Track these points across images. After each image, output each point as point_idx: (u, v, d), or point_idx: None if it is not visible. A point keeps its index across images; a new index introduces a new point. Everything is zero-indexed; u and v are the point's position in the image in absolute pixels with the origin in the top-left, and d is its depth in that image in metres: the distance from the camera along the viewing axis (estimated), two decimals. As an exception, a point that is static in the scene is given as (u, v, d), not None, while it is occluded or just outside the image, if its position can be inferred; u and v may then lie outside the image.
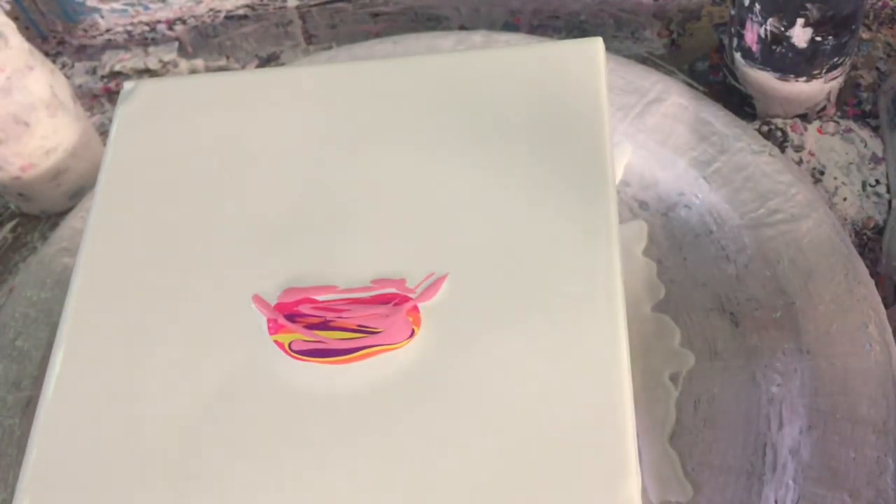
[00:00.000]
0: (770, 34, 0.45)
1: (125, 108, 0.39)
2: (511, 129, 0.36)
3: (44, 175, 0.49)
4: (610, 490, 0.28)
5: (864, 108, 0.49)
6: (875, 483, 0.35)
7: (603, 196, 0.34)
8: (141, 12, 0.57)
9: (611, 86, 0.46)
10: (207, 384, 0.32)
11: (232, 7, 0.57)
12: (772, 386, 0.39)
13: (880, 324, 0.38)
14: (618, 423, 0.29)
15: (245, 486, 0.30)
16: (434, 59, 0.40)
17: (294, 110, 0.38)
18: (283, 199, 0.36)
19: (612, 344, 0.31)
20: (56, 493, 0.31)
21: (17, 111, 0.46)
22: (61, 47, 0.59)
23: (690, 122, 0.45)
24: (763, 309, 0.40)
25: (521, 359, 0.31)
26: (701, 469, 0.38)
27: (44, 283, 0.45)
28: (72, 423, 0.32)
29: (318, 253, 0.34)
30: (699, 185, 0.44)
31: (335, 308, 0.33)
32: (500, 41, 0.50)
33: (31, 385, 0.43)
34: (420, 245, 0.34)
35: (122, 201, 0.37)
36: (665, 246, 0.44)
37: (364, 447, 0.30)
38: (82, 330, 0.34)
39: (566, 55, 0.38)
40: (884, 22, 0.52)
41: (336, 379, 0.32)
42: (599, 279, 0.32)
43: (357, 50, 0.51)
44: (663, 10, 0.54)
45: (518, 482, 0.29)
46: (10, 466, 0.41)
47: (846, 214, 0.45)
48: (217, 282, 0.34)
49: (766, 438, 0.38)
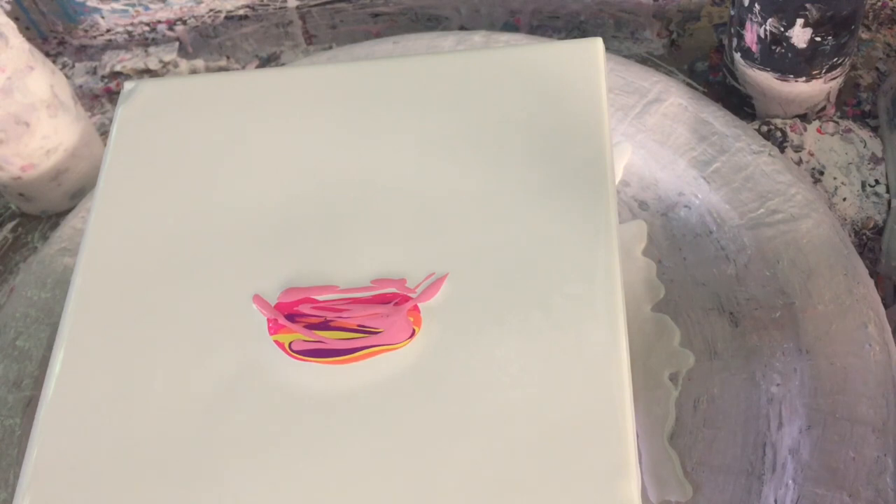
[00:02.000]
0: (770, 34, 0.45)
1: (125, 108, 0.39)
2: (511, 129, 0.36)
3: (44, 175, 0.49)
4: (610, 490, 0.28)
5: (864, 108, 0.49)
6: (875, 483, 0.35)
7: (603, 196, 0.34)
8: (141, 12, 0.57)
9: (611, 86, 0.46)
10: (207, 384, 0.32)
11: (232, 7, 0.57)
12: (771, 386, 0.39)
13: (880, 324, 0.38)
14: (617, 422, 0.29)
15: (245, 485, 0.30)
16: (434, 59, 0.40)
17: (294, 110, 0.38)
18: (283, 199, 0.36)
19: (612, 344, 0.31)
20: (56, 492, 0.31)
21: (18, 111, 0.46)
22: (62, 47, 0.59)
23: (690, 123, 0.45)
24: (763, 309, 0.40)
25: (522, 359, 0.31)
26: (700, 469, 0.38)
27: (44, 283, 0.45)
28: (72, 423, 0.32)
29: (318, 253, 0.34)
30: (699, 185, 0.44)
31: (335, 308, 0.33)
32: (500, 41, 0.50)
33: (31, 385, 0.43)
34: (420, 245, 0.34)
35: (122, 201, 0.37)
36: (665, 246, 0.44)
37: (364, 447, 0.30)
38: (82, 330, 0.34)
39: (566, 55, 0.38)
40: (883, 22, 0.52)
41: (336, 379, 0.32)
42: (599, 279, 0.32)
43: (357, 50, 0.51)
44: (663, 11, 0.54)
45: (518, 482, 0.29)
46: (11, 466, 0.41)
47: (846, 214, 0.45)
48: (217, 282, 0.34)
49: (765, 438, 0.38)
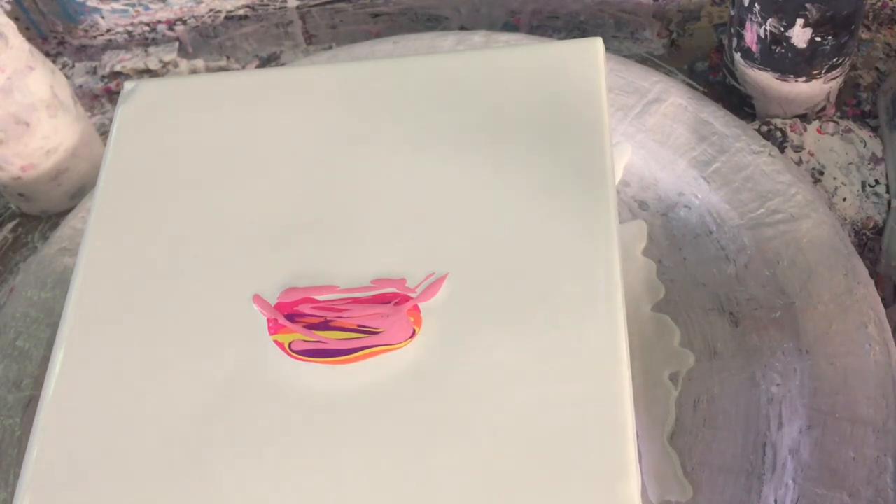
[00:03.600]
0: (770, 34, 0.45)
1: (125, 108, 0.39)
2: (511, 129, 0.36)
3: (44, 175, 0.49)
4: (610, 490, 0.28)
5: (864, 108, 0.49)
6: (874, 483, 0.35)
7: (603, 196, 0.34)
8: (141, 12, 0.57)
9: (611, 86, 0.46)
10: (207, 384, 0.32)
11: (232, 7, 0.57)
12: (771, 386, 0.39)
13: (880, 324, 0.38)
14: (617, 422, 0.29)
15: (245, 486, 0.30)
16: (434, 59, 0.40)
17: (294, 110, 0.38)
18: (283, 199, 0.36)
19: (611, 344, 0.31)
20: (56, 492, 0.31)
21: (18, 111, 0.46)
22: (62, 47, 0.59)
23: (690, 123, 0.45)
24: (763, 309, 0.40)
25: (522, 359, 0.31)
26: (700, 469, 0.38)
27: (44, 283, 0.45)
28: (72, 423, 0.32)
29: (318, 253, 0.34)
30: (699, 185, 0.44)
31: (335, 308, 0.33)
32: (500, 41, 0.50)
33: (31, 385, 0.43)
34: (420, 245, 0.34)
35: (123, 201, 0.37)
36: (665, 246, 0.44)
37: (364, 447, 0.30)
38: (82, 330, 0.34)
39: (566, 55, 0.38)
40: (883, 22, 0.52)
41: (336, 379, 0.32)
42: (599, 279, 0.32)
43: (357, 50, 0.51)
44: (663, 11, 0.54)
45: (518, 482, 0.29)
46: (11, 466, 0.41)
47: (846, 214, 0.45)
48: (217, 282, 0.34)
49: (765, 438, 0.38)
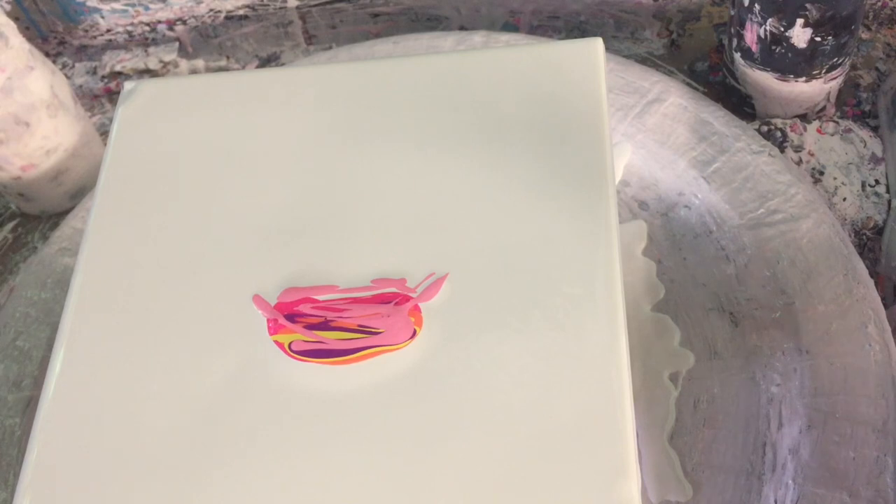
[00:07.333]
0: (770, 34, 0.45)
1: (125, 108, 0.39)
2: (511, 129, 0.36)
3: (44, 175, 0.49)
4: (610, 490, 0.28)
5: (864, 108, 0.49)
6: (874, 483, 0.35)
7: (603, 196, 0.34)
8: (141, 12, 0.57)
9: (611, 86, 0.46)
10: (207, 384, 0.32)
11: (232, 7, 0.57)
12: (771, 386, 0.39)
13: (880, 324, 0.38)
14: (617, 423, 0.29)
15: (245, 486, 0.30)
16: (434, 59, 0.40)
17: (294, 110, 0.38)
18: (283, 199, 0.36)
19: (611, 344, 0.31)
20: (56, 493, 0.31)
21: (18, 111, 0.46)
22: (62, 47, 0.59)
23: (690, 123, 0.45)
24: (763, 309, 0.40)
25: (522, 359, 0.31)
26: (701, 469, 0.38)
27: (44, 283, 0.45)
28: (72, 423, 0.32)
29: (318, 253, 0.34)
30: (699, 185, 0.44)
31: (335, 308, 0.33)
32: (500, 41, 0.50)
33: (31, 385, 0.43)
34: (420, 245, 0.34)
35: (123, 201, 0.37)
36: (665, 246, 0.44)
37: (365, 448, 0.30)
38: (82, 330, 0.34)
39: (566, 55, 0.38)
40: (883, 22, 0.52)
41: (336, 379, 0.32)
42: (599, 279, 0.32)
43: (357, 50, 0.51)
44: (663, 11, 0.54)
45: (518, 482, 0.29)
46: (11, 466, 0.41)
47: (846, 214, 0.45)
48: (217, 282, 0.34)
49: (765, 438, 0.38)
